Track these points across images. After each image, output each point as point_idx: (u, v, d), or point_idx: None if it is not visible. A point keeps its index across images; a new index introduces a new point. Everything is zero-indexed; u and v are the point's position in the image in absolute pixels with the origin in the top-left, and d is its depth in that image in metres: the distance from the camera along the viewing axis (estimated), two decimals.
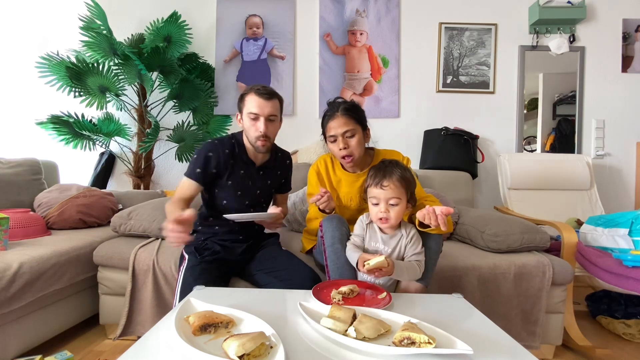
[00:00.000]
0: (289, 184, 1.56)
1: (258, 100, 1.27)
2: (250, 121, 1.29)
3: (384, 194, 1.07)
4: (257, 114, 1.27)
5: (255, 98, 1.28)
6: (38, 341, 1.40)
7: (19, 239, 1.56)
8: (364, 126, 1.33)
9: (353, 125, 1.28)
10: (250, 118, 1.28)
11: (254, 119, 1.28)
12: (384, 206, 1.08)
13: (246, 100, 1.30)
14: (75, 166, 2.65)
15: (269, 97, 1.29)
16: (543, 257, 1.48)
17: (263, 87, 1.31)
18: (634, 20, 2.60)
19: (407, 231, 1.12)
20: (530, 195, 2.34)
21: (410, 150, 2.59)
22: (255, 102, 1.27)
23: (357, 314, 0.81)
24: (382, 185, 1.07)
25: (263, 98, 1.27)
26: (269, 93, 1.29)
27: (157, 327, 0.78)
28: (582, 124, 2.62)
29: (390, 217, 1.08)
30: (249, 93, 1.30)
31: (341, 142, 1.27)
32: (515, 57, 2.63)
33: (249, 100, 1.29)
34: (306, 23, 2.66)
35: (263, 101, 1.27)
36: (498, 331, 0.81)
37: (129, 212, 1.66)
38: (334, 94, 2.63)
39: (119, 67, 2.31)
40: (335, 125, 1.28)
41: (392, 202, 1.07)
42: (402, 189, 1.08)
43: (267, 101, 1.28)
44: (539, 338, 1.45)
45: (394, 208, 1.07)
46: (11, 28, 2.72)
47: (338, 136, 1.28)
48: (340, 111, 1.28)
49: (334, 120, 1.29)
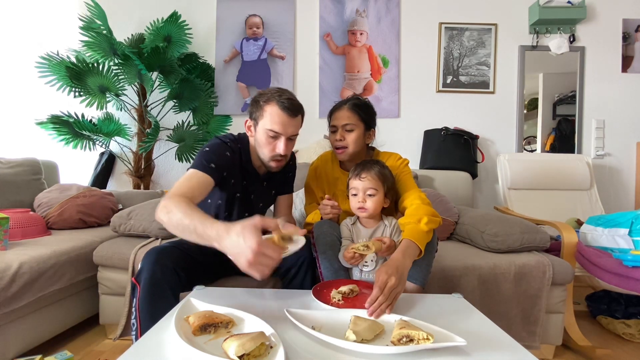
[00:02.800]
0: (292, 184, 1.42)
1: (283, 116, 1.10)
2: (268, 138, 1.12)
3: (362, 185, 1.15)
4: (278, 133, 1.11)
5: (279, 113, 1.10)
6: (38, 341, 1.40)
7: (19, 239, 1.56)
8: (369, 125, 1.33)
9: (355, 121, 1.28)
10: (269, 135, 1.12)
11: (274, 137, 1.12)
12: (361, 196, 1.15)
13: (266, 111, 1.11)
14: (75, 166, 2.65)
15: (295, 113, 1.12)
16: (543, 257, 1.48)
17: (288, 98, 1.11)
18: (634, 20, 2.60)
19: (389, 222, 1.19)
20: (530, 195, 2.34)
21: (410, 150, 2.59)
22: (279, 118, 1.10)
23: (352, 317, 0.80)
24: (361, 177, 1.15)
25: (288, 114, 1.10)
26: (295, 109, 1.12)
27: (157, 327, 0.78)
28: (582, 124, 2.62)
29: (368, 207, 1.14)
30: (271, 103, 1.11)
31: (339, 134, 1.28)
32: (515, 57, 2.63)
33: (271, 114, 1.10)
34: (306, 23, 2.66)
35: (288, 118, 1.10)
36: (498, 331, 0.81)
37: (129, 212, 1.66)
38: (334, 94, 2.63)
39: (119, 67, 2.31)
40: (338, 117, 1.29)
41: (369, 193, 1.14)
42: (380, 182, 1.15)
43: (292, 119, 1.11)
44: (539, 338, 1.45)
45: (371, 198, 1.14)
46: (11, 28, 2.72)
47: (338, 127, 1.29)
48: (348, 105, 1.29)
49: (339, 112, 1.30)
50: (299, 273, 1.19)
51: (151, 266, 0.99)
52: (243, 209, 1.25)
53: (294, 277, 1.19)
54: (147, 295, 0.98)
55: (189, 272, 1.05)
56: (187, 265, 1.05)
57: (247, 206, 1.26)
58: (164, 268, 0.99)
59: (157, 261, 1.00)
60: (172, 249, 1.07)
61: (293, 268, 1.19)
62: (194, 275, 1.08)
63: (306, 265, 1.17)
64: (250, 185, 1.25)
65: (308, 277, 1.18)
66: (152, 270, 0.99)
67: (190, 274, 1.06)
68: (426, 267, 1.14)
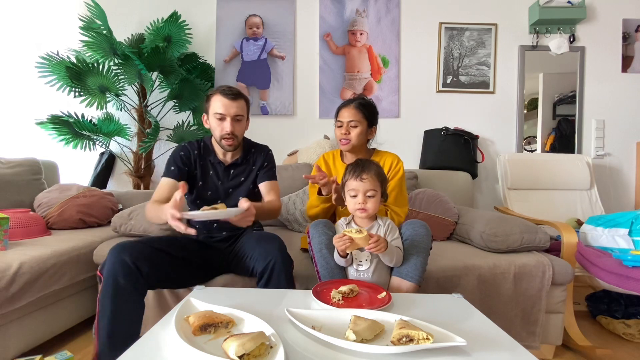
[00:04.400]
0: (270, 172, 1.46)
1: (224, 100, 1.30)
2: (216, 121, 1.32)
3: (362, 186, 1.15)
4: (223, 114, 1.31)
5: (220, 98, 1.31)
6: (38, 341, 1.40)
7: (19, 239, 1.56)
8: (371, 123, 1.46)
9: (359, 118, 1.42)
10: (217, 118, 1.31)
11: (221, 119, 1.32)
12: (362, 197, 1.15)
13: (212, 100, 1.33)
14: (75, 166, 2.65)
15: (235, 97, 1.32)
16: (543, 257, 1.48)
17: (229, 87, 1.33)
18: (634, 20, 2.60)
19: (383, 221, 1.20)
20: (530, 195, 2.34)
21: (410, 150, 2.60)
22: (221, 102, 1.30)
23: (352, 317, 0.80)
24: (362, 178, 1.15)
25: (229, 98, 1.31)
26: (234, 94, 1.32)
27: (157, 327, 0.78)
28: (582, 124, 2.62)
29: (368, 208, 1.15)
30: (215, 94, 1.33)
31: (344, 128, 1.42)
32: (515, 57, 2.63)
33: (215, 101, 1.32)
34: (306, 23, 2.66)
35: (229, 101, 1.31)
36: (498, 331, 0.81)
37: (129, 212, 1.66)
38: (334, 94, 2.63)
39: (119, 67, 2.30)
40: (345, 114, 1.43)
41: (369, 194, 1.15)
42: (378, 182, 1.17)
43: (232, 101, 1.31)
44: (539, 338, 1.45)
45: (371, 199, 1.16)
46: (11, 28, 2.71)
47: (344, 122, 1.42)
48: (355, 103, 1.44)
49: (346, 109, 1.44)
50: (273, 275, 1.15)
51: (111, 262, 1.07)
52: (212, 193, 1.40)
53: (268, 281, 1.16)
54: (106, 289, 1.04)
55: (154, 266, 1.13)
56: (152, 259, 1.13)
57: (214, 190, 1.40)
58: (122, 263, 1.06)
59: (117, 256, 1.07)
60: (135, 244, 1.14)
61: (266, 272, 1.16)
62: (162, 269, 1.16)
63: (278, 270, 1.15)
64: (216, 173, 1.41)
65: (282, 278, 1.15)
66: (111, 265, 1.06)
67: (156, 268, 1.14)
68: (421, 266, 1.14)
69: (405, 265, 1.14)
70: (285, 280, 1.15)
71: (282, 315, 0.81)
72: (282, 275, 1.15)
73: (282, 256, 1.18)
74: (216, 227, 1.40)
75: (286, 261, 1.18)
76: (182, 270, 1.25)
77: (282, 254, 1.19)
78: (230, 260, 1.34)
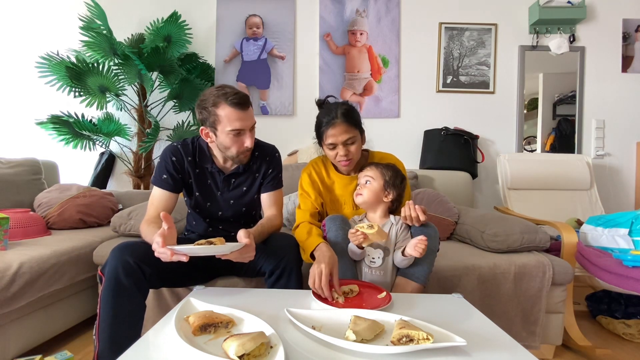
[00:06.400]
0: (275, 181, 1.34)
1: (238, 113, 1.12)
2: (232, 138, 1.15)
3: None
4: (241, 130, 1.14)
5: (233, 112, 1.12)
6: (38, 341, 1.40)
7: (19, 239, 1.56)
8: (362, 130, 1.30)
9: (353, 132, 1.23)
10: (234, 135, 1.14)
11: (238, 135, 1.15)
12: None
13: (220, 114, 1.12)
14: (75, 166, 2.65)
15: (247, 105, 1.15)
16: (543, 257, 1.48)
17: (234, 93, 1.13)
18: (634, 20, 2.60)
19: (395, 220, 1.19)
20: (530, 195, 2.34)
21: (410, 150, 2.59)
22: (235, 116, 1.12)
23: (352, 317, 0.80)
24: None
25: (242, 109, 1.13)
26: (245, 101, 1.15)
27: (157, 327, 0.78)
28: (582, 124, 2.62)
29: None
30: (221, 105, 1.12)
31: (342, 150, 1.23)
32: (515, 57, 2.63)
33: (227, 116, 1.12)
34: (306, 23, 2.66)
35: (243, 113, 1.13)
36: (498, 331, 0.81)
37: (129, 212, 1.66)
38: (334, 94, 2.62)
39: (119, 67, 2.31)
40: (335, 133, 1.21)
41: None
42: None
43: (246, 111, 1.15)
44: (539, 338, 1.45)
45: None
46: (11, 28, 2.71)
47: (338, 144, 1.23)
48: (340, 117, 1.21)
49: (334, 128, 1.21)
50: (282, 276, 1.14)
51: (113, 262, 1.03)
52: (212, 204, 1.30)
53: (277, 281, 1.15)
54: (108, 289, 1.02)
55: (157, 267, 1.06)
56: (154, 260, 1.04)
57: (213, 201, 1.30)
58: (125, 264, 1.02)
59: (119, 257, 1.03)
60: (138, 245, 1.09)
61: (276, 271, 1.14)
62: (164, 270, 1.09)
63: (289, 268, 1.14)
64: (215, 183, 1.29)
65: (292, 280, 1.14)
66: (113, 265, 1.02)
67: (158, 269, 1.07)
68: (428, 267, 1.14)
69: (412, 266, 1.13)
70: (295, 283, 1.14)
71: (282, 315, 0.81)
72: (293, 278, 1.14)
73: (293, 260, 1.16)
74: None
75: (296, 266, 1.17)
76: (185, 271, 1.21)
77: (295, 252, 1.18)
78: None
